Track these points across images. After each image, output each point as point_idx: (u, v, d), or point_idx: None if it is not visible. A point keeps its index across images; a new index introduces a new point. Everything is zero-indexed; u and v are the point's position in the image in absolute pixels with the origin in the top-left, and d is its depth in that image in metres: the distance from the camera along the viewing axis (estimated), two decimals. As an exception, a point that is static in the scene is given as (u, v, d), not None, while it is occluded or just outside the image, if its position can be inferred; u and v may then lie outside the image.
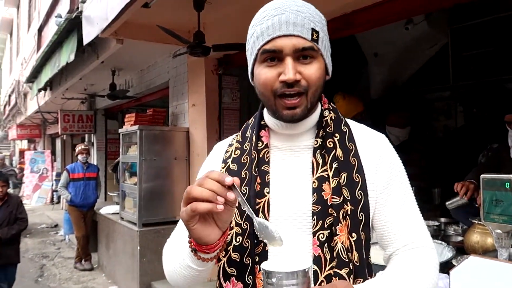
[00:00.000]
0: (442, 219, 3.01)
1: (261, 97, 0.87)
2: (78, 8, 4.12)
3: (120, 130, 4.78)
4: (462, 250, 2.15)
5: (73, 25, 4.20)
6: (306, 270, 0.66)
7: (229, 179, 0.70)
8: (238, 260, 0.83)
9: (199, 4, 3.19)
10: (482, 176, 1.48)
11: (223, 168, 0.92)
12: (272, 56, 0.81)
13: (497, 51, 3.83)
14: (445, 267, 1.51)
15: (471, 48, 4.01)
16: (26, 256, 6.45)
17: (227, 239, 0.80)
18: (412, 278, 0.81)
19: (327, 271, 0.80)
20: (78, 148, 5.75)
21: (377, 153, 0.90)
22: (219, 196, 0.69)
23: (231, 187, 0.70)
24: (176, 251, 0.86)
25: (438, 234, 2.64)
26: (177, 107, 4.69)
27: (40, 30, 8.04)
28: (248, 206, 0.75)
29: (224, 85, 4.27)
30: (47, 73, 5.71)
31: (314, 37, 0.80)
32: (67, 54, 4.39)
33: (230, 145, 0.96)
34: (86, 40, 3.60)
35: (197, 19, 3.24)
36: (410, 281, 0.80)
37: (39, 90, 6.86)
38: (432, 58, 4.25)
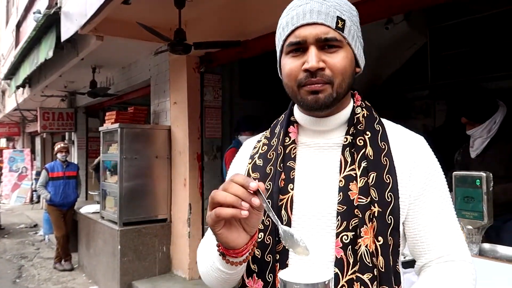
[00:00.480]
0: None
1: (286, 89, 0.84)
2: (57, 3, 4.04)
3: (100, 128, 4.72)
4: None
5: (51, 21, 4.12)
6: (327, 282, 0.62)
7: (253, 184, 0.67)
8: (259, 257, 0.81)
9: (179, 1, 3.17)
10: (454, 173, 1.52)
11: (249, 164, 0.91)
12: (297, 47, 0.79)
13: (473, 51, 3.93)
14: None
15: (449, 48, 4.10)
16: (4, 257, 6.31)
17: (256, 243, 0.77)
18: None
19: (349, 275, 0.76)
20: (57, 146, 5.65)
21: (412, 156, 0.84)
22: (243, 202, 0.66)
23: (256, 192, 0.68)
24: (207, 253, 0.84)
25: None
26: (158, 105, 4.65)
27: (19, 26, 7.85)
28: (273, 213, 0.71)
29: (206, 83, 4.26)
30: (26, 70, 5.59)
31: (340, 25, 0.78)
32: (45, 51, 4.30)
33: (259, 141, 0.95)
34: (65, 36, 3.54)
35: (178, 17, 3.22)
36: None
37: (18, 87, 6.70)
38: (412, 58, 4.33)
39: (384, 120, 0.90)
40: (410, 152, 0.85)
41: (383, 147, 0.83)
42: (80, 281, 5.04)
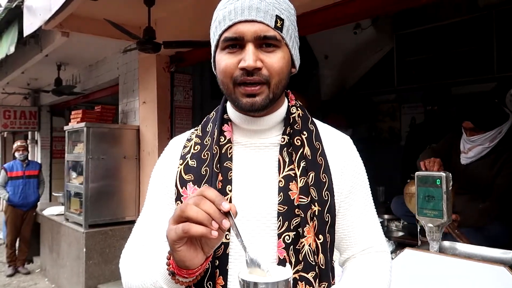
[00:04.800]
0: (386, 216, 3.17)
1: (221, 85, 0.81)
2: (19, -3, 3.88)
3: (65, 127, 4.57)
4: (402, 245, 2.27)
5: (13, 15, 3.95)
6: (289, 279, 0.63)
7: (226, 206, 0.63)
8: None
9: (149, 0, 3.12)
10: (416, 173, 1.57)
11: (181, 164, 0.85)
12: (234, 43, 0.76)
13: (436, 57, 4.09)
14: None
15: (414, 54, 4.25)
16: (-41, 262, 5.99)
17: (208, 265, 0.73)
18: (374, 281, 0.82)
19: (292, 275, 0.75)
20: (15, 145, 5.47)
21: (343, 155, 0.87)
22: (213, 221, 0.62)
23: (226, 213, 0.64)
24: (146, 269, 0.75)
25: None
26: (127, 104, 4.56)
27: (-22, 19, 7.48)
28: (242, 238, 0.67)
29: (177, 83, 4.21)
30: (-15, 66, 5.33)
31: (278, 24, 0.75)
32: (6, 46, 4.11)
33: (189, 140, 0.89)
34: (28, 31, 3.40)
35: (148, 15, 3.17)
36: (373, 285, 0.81)
37: (-24, 84, 6.38)
38: (379, 62, 4.46)
39: (315, 120, 0.91)
40: (341, 151, 0.88)
41: (318, 147, 0.85)
42: (42, 286, 4.86)
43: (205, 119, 0.93)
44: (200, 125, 0.92)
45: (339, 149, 0.88)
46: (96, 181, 4.06)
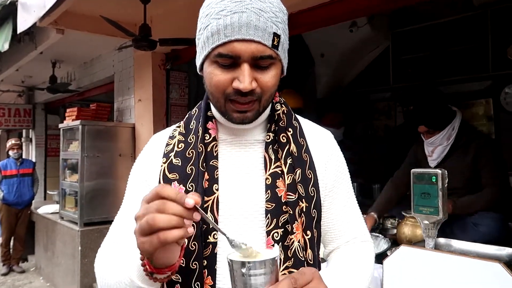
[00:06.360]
0: (381, 213, 3.16)
1: (210, 95, 0.80)
2: (13, -6, 3.85)
3: (60, 125, 4.54)
4: (397, 241, 2.27)
5: (8, 12, 3.91)
6: (276, 258, 0.64)
7: (191, 202, 0.59)
8: (184, 265, 0.75)
9: (145, -4, 3.11)
10: (412, 170, 1.58)
11: (164, 163, 0.83)
12: (228, 61, 0.73)
13: (433, 55, 4.10)
14: (380, 257, 1.59)
15: (410, 52, 4.26)
16: (-47, 261, 5.95)
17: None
18: (360, 268, 0.86)
19: (281, 271, 0.76)
20: (9, 143, 5.43)
21: (326, 150, 0.89)
22: (186, 220, 0.60)
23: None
24: (120, 270, 0.73)
25: (376, 227, 2.77)
26: (122, 102, 4.54)
27: (-29, 16, 7.41)
28: (215, 224, 0.67)
29: (172, 81, 4.20)
30: (-21, 63, 5.29)
31: (275, 42, 0.72)
32: (0, 43, 4.08)
33: (171, 137, 0.87)
34: (22, 28, 3.37)
35: (143, 12, 3.16)
36: (360, 272, 0.85)
37: (-30, 81, 6.33)
38: (375, 60, 4.46)
39: (297, 116, 0.92)
40: (324, 146, 0.90)
41: (302, 143, 0.85)
42: (37, 284, 4.84)
43: (187, 115, 0.92)
44: (182, 122, 0.91)
45: (322, 144, 0.90)
46: (91, 179, 4.05)
